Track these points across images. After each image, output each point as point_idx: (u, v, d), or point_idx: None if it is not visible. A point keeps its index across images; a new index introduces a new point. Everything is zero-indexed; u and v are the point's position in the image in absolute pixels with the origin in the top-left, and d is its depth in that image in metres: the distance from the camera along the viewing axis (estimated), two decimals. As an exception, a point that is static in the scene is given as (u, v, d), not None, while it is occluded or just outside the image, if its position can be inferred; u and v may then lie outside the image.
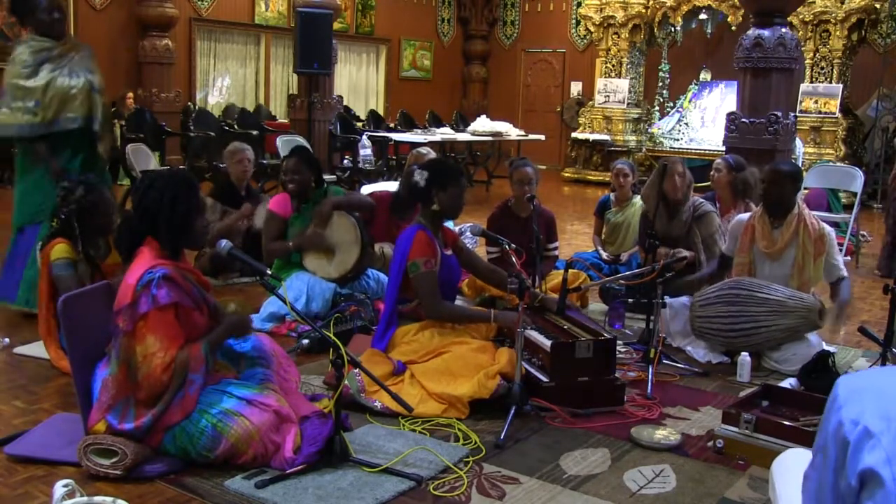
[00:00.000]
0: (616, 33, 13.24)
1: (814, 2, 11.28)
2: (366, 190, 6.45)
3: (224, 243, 3.10)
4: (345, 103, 13.56)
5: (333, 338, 2.91)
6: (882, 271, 6.83)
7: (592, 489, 2.85)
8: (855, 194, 7.51)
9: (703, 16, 12.77)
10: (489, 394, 3.41)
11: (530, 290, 3.84)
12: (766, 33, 6.34)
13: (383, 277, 4.83)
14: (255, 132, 11.13)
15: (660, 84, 13.65)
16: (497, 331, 4.02)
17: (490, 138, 12.03)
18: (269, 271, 3.04)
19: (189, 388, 2.82)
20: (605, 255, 6.10)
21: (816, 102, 11.32)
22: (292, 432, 2.88)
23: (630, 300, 5.03)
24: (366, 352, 3.74)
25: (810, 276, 4.33)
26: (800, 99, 11.19)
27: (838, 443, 1.33)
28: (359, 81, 15.20)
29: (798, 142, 9.21)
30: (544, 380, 3.54)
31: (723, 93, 12.81)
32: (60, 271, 3.75)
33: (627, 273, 4.78)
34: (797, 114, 9.75)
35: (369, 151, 10.33)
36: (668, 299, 4.40)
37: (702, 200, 5.22)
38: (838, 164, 9.54)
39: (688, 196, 5.12)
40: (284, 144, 8.94)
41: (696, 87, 13.26)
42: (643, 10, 12.91)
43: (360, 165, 10.12)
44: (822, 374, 3.85)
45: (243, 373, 3.12)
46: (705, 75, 13.34)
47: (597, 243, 6.28)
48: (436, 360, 3.60)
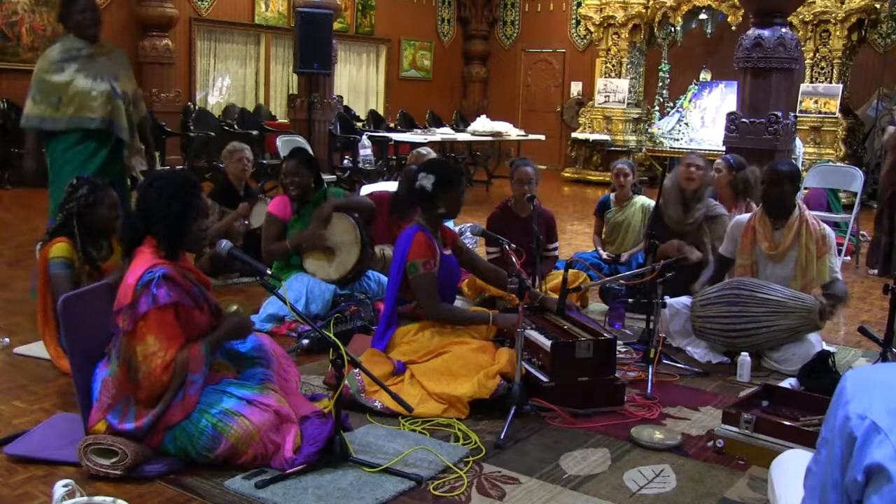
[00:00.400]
0: (616, 33, 13.24)
1: (814, 2, 11.28)
2: (366, 190, 6.45)
3: (224, 243, 3.11)
4: (345, 103, 13.57)
5: (333, 338, 2.91)
6: (880, 272, 6.83)
7: (592, 489, 2.85)
8: (855, 194, 7.51)
9: (703, 16, 12.78)
10: (489, 394, 3.41)
11: (530, 290, 3.84)
12: (766, 33, 6.33)
13: (383, 279, 4.83)
14: (255, 132, 11.14)
15: (660, 84, 13.65)
16: (497, 331, 4.02)
17: (490, 138, 12.04)
18: (269, 271, 3.05)
19: (189, 389, 2.82)
20: (605, 255, 6.10)
21: (816, 102, 11.33)
22: (292, 432, 2.88)
23: (630, 300, 5.03)
24: (366, 352, 3.74)
25: (813, 276, 4.33)
26: (800, 99, 11.20)
27: (844, 437, 1.32)
28: (359, 81, 15.20)
29: (798, 142, 9.21)
30: (544, 380, 3.54)
31: (723, 93, 12.82)
32: (55, 270, 3.75)
33: (627, 273, 4.78)
34: (797, 114, 9.75)
35: (369, 151, 10.34)
36: (668, 299, 4.40)
37: (717, 203, 5.19)
38: (838, 164, 9.54)
39: (703, 194, 5.09)
40: (284, 144, 8.95)
41: (696, 87, 13.27)
42: (643, 10, 12.91)
43: (360, 165, 10.12)
44: (822, 374, 3.85)
45: (243, 373, 3.12)
46: (705, 75, 13.34)
47: (597, 243, 6.28)
48: (436, 360, 3.60)
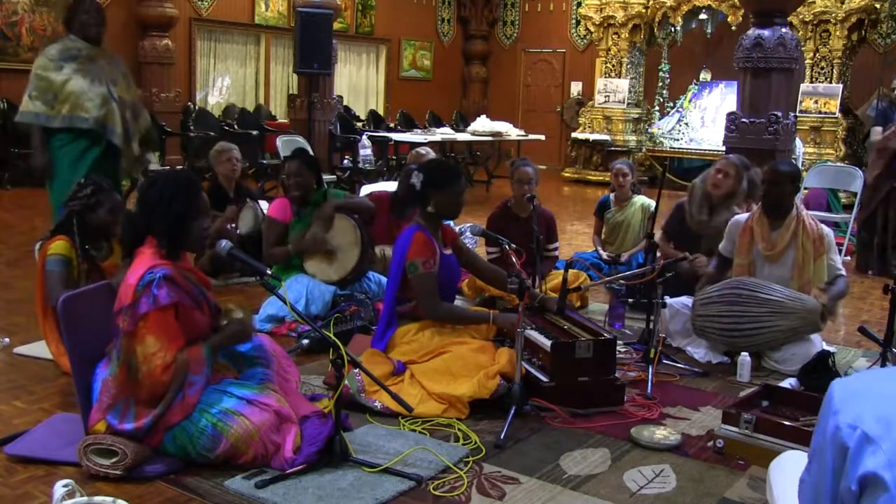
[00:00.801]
0: (616, 33, 13.24)
1: (814, 2, 11.28)
2: (365, 190, 6.45)
3: (224, 243, 3.11)
4: (345, 103, 13.56)
5: (333, 338, 2.91)
6: (875, 271, 6.83)
7: (592, 489, 2.85)
8: (855, 194, 7.51)
9: (703, 16, 12.77)
10: (489, 394, 3.41)
11: (530, 290, 3.84)
12: (766, 33, 6.33)
13: (383, 279, 4.83)
14: (255, 132, 11.14)
15: (660, 84, 13.65)
16: (497, 331, 4.02)
17: (490, 138, 12.04)
18: (269, 271, 3.05)
19: (189, 390, 2.82)
20: (605, 255, 6.10)
21: (816, 102, 11.32)
22: (292, 432, 2.88)
23: (630, 300, 5.03)
24: (366, 352, 3.74)
25: (810, 276, 4.33)
26: (800, 99, 11.19)
27: (836, 448, 1.32)
28: (359, 81, 15.20)
29: (798, 142, 9.20)
30: (544, 380, 3.54)
31: (723, 93, 12.82)
32: (50, 267, 3.75)
33: (627, 273, 4.78)
34: (797, 114, 9.74)
35: (369, 151, 10.33)
36: (668, 299, 4.40)
37: (740, 213, 4.95)
38: (838, 164, 9.54)
39: (732, 203, 4.93)
40: (284, 144, 8.95)
41: (696, 87, 13.27)
42: (643, 10, 12.91)
43: (360, 165, 10.12)
44: (822, 374, 3.85)
45: (243, 373, 3.12)
46: (705, 75, 13.34)
47: (597, 243, 6.28)
48: (436, 360, 3.60)
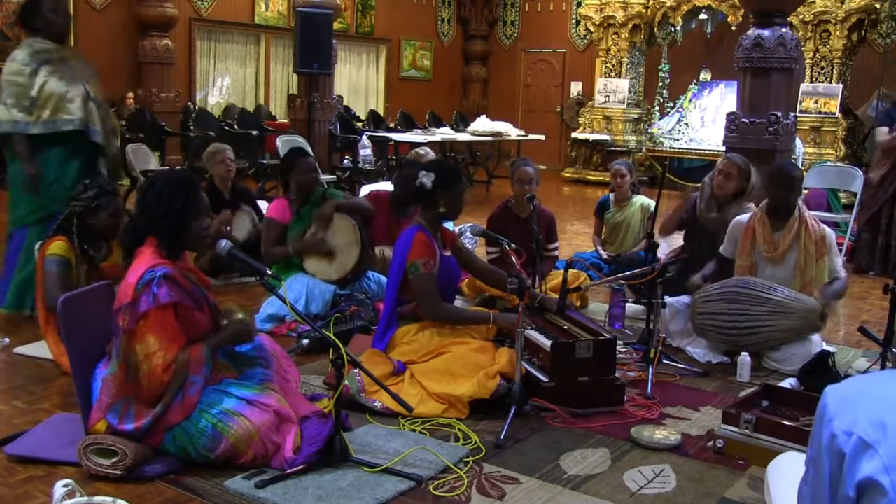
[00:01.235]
0: (616, 33, 13.24)
1: (814, 2, 11.28)
2: (365, 190, 6.45)
3: (224, 243, 3.11)
4: (345, 103, 13.56)
5: (333, 338, 2.91)
6: (876, 270, 6.83)
7: (592, 489, 2.85)
8: (855, 194, 7.51)
9: (703, 16, 12.77)
10: (489, 394, 3.41)
11: (530, 290, 3.84)
12: (766, 33, 6.33)
13: (383, 279, 4.83)
14: (255, 132, 11.14)
15: (660, 84, 13.65)
16: (497, 331, 4.02)
17: (490, 138, 12.04)
18: (269, 271, 3.05)
19: (189, 390, 2.82)
20: (605, 255, 6.10)
21: (816, 102, 11.32)
22: (292, 432, 2.88)
23: (630, 300, 5.03)
24: (366, 352, 3.74)
25: (812, 277, 4.33)
26: (800, 99, 11.19)
27: (833, 455, 1.31)
28: (359, 81, 15.20)
29: (798, 142, 9.20)
30: (544, 380, 3.54)
31: (723, 93, 12.82)
32: (49, 267, 3.74)
33: (627, 273, 4.77)
34: (797, 114, 9.74)
35: (369, 151, 10.33)
36: (668, 299, 4.40)
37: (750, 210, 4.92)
38: (838, 164, 9.54)
39: (740, 199, 4.87)
40: (284, 144, 8.94)
41: (696, 87, 13.27)
42: (643, 10, 12.91)
43: (360, 165, 10.12)
44: (822, 374, 3.85)
45: (243, 373, 3.12)
46: (705, 75, 13.34)
47: (597, 243, 6.28)
48: (436, 361, 3.60)
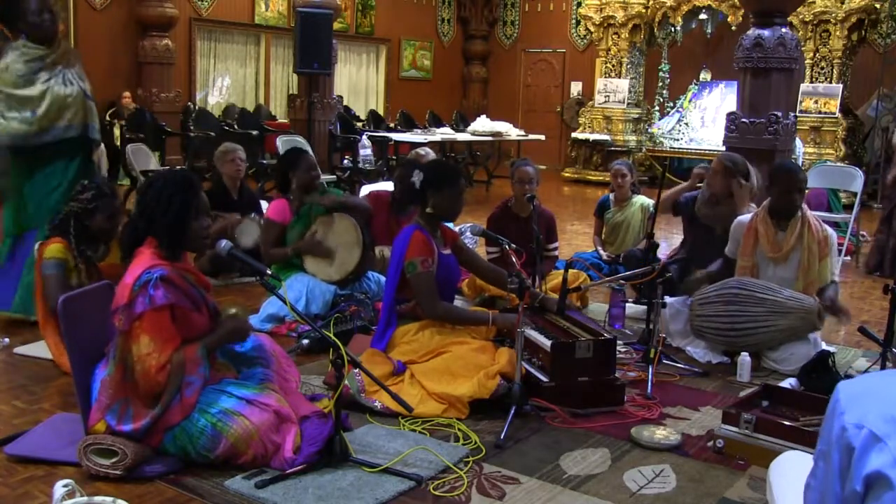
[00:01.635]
0: (616, 33, 13.24)
1: (814, 2, 11.28)
2: (365, 190, 6.45)
3: (224, 243, 3.11)
4: (345, 103, 13.57)
5: (333, 338, 2.91)
6: (883, 272, 6.83)
7: (592, 489, 2.85)
8: (855, 194, 7.51)
9: (703, 16, 12.78)
10: (489, 394, 3.41)
11: (530, 289, 3.83)
12: (766, 33, 6.33)
13: (383, 279, 4.82)
14: (255, 132, 11.13)
15: (660, 84, 13.65)
16: (497, 331, 4.02)
17: (490, 138, 12.04)
18: (269, 271, 3.05)
19: (186, 391, 2.81)
20: (605, 255, 6.10)
21: (816, 102, 11.32)
22: (292, 432, 2.88)
23: (630, 300, 5.03)
24: (366, 352, 3.74)
25: (815, 278, 4.33)
26: (800, 99, 11.19)
27: (842, 448, 1.32)
28: (359, 81, 15.20)
29: (798, 142, 9.20)
30: (544, 380, 3.54)
31: (723, 93, 12.82)
32: (47, 270, 3.74)
33: (627, 273, 4.77)
34: (797, 114, 9.74)
35: (369, 151, 10.33)
36: (668, 299, 4.40)
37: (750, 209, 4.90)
38: (838, 164, 9.54)
39: (732, 200, 4.85)
40: (284, 144, 8.94)
41: (696, 87, 13.27)
42: (643, 10, 12.91)
43: (360, 165, 10.12)
44: (822, 374, 3.85)
45: (243, 373, 3.12)
46: (705, 75, 13.34)
47: (597, 243, 6.29)
48: (436, 360, 3.60)
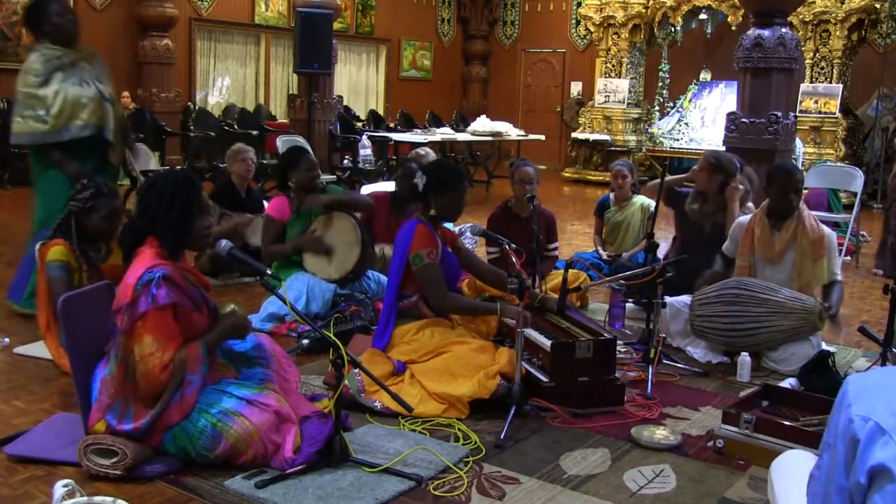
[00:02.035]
0: (616, 33, 13.24)
1: (814, 2, 11.28)
2: (365, 190, 6.46)
3: (224, 243, 3.11)
4: (345, 103, 13.57)
5: (333, 338, 2.91)
6: (886, 271, 6.83)
7: (592, 489, 2.85)
8: (855, 194, 7.51)
9: (703, 16, 12.78)
10: (489, 394, 3.41)
11: (530, 290, 3.84)
12: (766, 33, 6.33)
13: (383, 278, 4.83)
14: (255, 132, 11.14)
15: (660, 84, 13.65)
16: (497, 331, 4.02)
17: (490, 138, 12.04)
18: (269, 271, 3.05)
19: (187, 389, 2.81)
20: (605, 255, 6.11)
21: (816, 102, 11.32)
22: (292, 432, 2.88)
23: (630, 300, 5.03)
24: (366, 352, 3.74)
25: (810, 278, 4.33)
26: (800, 99, 11.19)
27: (847, 440, 1.33)
28: (359, 81, 15.20)
29: (798, 142, 9.20)
30: (544, 380, 3.54)
31: (723, 93, 12.82)
32: (52, 273, 3.74)
33: (627, 273, 4.77)
34: (797, 114, 9.75)
35: (369, 151, 10.34)
36: (668, 299, 4.40)
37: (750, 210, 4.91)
38: (838, 164, 9.54)
39: (727, 199, 4.90)
40: (284, 144, 8.95)
41: (696, 87, 13.27)
42: (643, 10, 12.91)
43: (360, 165, 10.13)
44: (822, 374, 3.85)
45: (243, 373, 3.12)
46: (705, 75, 13.34)
47: (597, 243, 6.29)
48: (436, 360, 3.60)
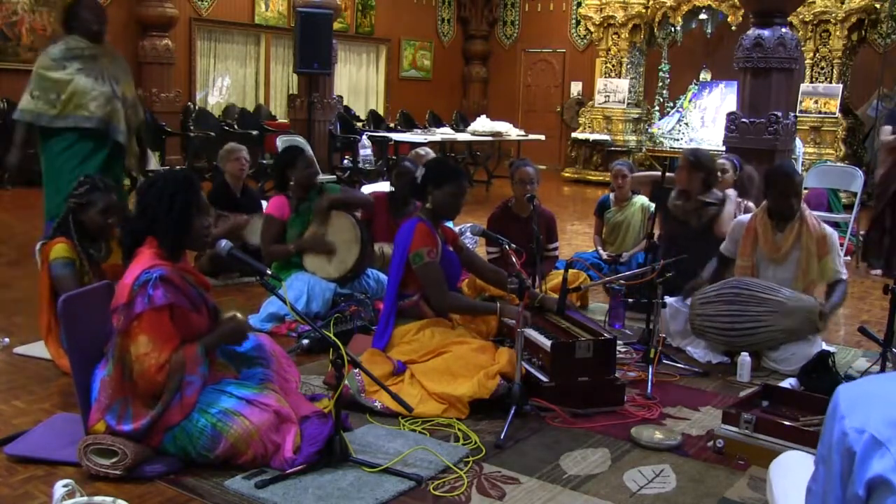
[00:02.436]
0: (616, 33, 13.24)
1: (814, 2, 11.28)
2: (365, 190, 6.46)
3: (224, 243, 3.11)
4: (345, 103, 13.57)
5: (333, 338, 2.91)
6: (885, 271, 6.83)
7: (592, 489, 2.85)
8: (855, 194, 7.52)
9: (703, 16, 12.77)
10: (489, 394, 3.41)
11: (530, 290, 3.84)
12: (766, 33, 6.33)
13: (383, 277, 4.84)
14: (255, 132, 11.14)
15: (660, 84, 13.65)
16: (497, 331, 4.02)
17: (490, 138, 12.04)
18: (269, 271, 3.05)
19: (186, 390, 2.81)
20: (605, 255, 6.11)
21: (816, 102, 11.32)
22: (292, 432, 2.88)
23: (630, 300, 5.03)
24: (366, 352, 3.74)
25: (814, 277, 4.33)
26: (800, 99, 11.19)
27: (843, 453, 1.31)
28: (359, 81, 15.20)
29: (798, 142, 9.20)
30: (544, 380, 3.54)
31: (723, 93, 12.81)
32: (59, 271, 3.74)
33: (627, 273, 4.78)
34: (797, 114, 9.75)
35: (369, 151, 10.34)
36: (668, 299, 4.40)
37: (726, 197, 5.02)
38: (838, 164, 9.54)
39: (701, 192, 4.98)
40: (284, 144, 8.95)
41: (696, 87, 13.26)
42: (643, 10, 12.91)
43: (360, 165, 10.13)
44: (822, 374, 3.85)
45: (243, 373, 3.12)
46: (705, 75, 13.34)
47: (597, 243, 6.29)
48: (436, 360, 3.60)
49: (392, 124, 13.51)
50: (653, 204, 5.54)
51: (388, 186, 6.12)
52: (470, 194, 3.98)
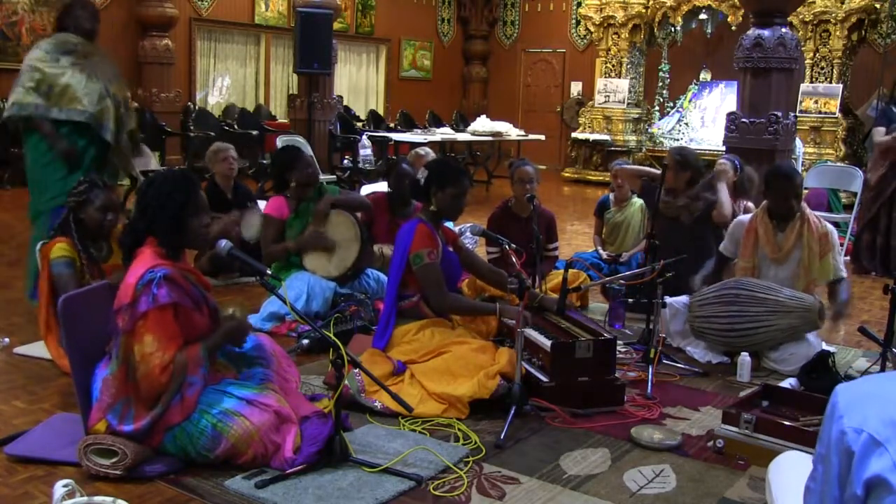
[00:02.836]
0: (616, 33, 13.23)
1: (814, 2, 11.28)
2: (365, 190, 6.46)
3: (224, 243, 3.10)
4: (345, 103, 13.56)
5: (333, 338, 2.91)
6: (878, 272, 6.83)
7: (592, 489, 2.85)
8: (855, 194, 7.51)
9: (703, 16, 12.77)
10: (489, 394, 3.41)
11: (530, 290, 3.84)
12: (766, 33, 6.34)
13: (383, 277, 4.84)
14: (255, 132, 11.13)
15: (660, 84, 13.64)
16: (497, 331, 4.02)
17: (490, 138, 12.04)
18: (269, 271, 3.05)
19: (187, 391, 2.81)
20: (605, 255, 6.10)
21: (816, 102, 11.32)
22: (292, 432, 2.88)
23: (630, 300, 5.03)
24: (366, 352, 3.74)
25: (817, 275, 4.33)
26: (800, 99, 11.19)
27: (841, 452, 1.31)
28: (359, 81, 15.20)
29: (798, 142, 9.20)
30: (544, 380, 3.54)
31: (723, 93, 12.81)
32: (59, 270, 3.74)
33: (627, 273, 4.77)
34: (797, 114, 9.74)
35: (369, 151, 10.34)
36: (667, 299, 4.40)
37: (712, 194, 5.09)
38: (838, 164, 9.54)
39: (687, 192, 5.06)
40: (284, 144, 8.94)
41: (696, 87, 13.26)
42: (643, 10, 12.90)
43: (360, 165, 10.13)
44: (822, 374, 3.85)
45: (243, 373, 3.12)
46: (705, 75, 13.33)
47: (597, 243, 6.29)
48: (436, 360, 3.60)
49: (392, 124, 13.51)
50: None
51: (386, 187, 6.12)
52: (470, 194, 3.96)
